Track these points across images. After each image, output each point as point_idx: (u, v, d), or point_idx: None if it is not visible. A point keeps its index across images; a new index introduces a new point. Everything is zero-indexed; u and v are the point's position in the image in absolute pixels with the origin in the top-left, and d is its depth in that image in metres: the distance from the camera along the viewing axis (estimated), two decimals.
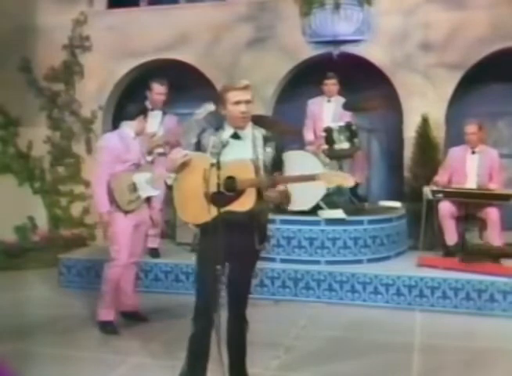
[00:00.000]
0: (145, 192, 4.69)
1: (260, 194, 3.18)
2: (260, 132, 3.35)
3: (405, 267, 5.56)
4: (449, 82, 6.85)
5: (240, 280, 3.29)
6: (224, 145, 3.19)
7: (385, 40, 6.96)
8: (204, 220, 3.19)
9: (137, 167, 4.71)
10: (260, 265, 3.24)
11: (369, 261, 5.67)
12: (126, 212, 4.61)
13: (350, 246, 5.61)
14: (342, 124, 5.86)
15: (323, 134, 5.91)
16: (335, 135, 5.77)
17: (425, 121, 6.78)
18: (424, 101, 6.85)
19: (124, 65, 7.64)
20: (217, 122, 3.44)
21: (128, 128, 4.75)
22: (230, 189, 3.15)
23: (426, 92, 6.87)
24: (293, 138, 6.52)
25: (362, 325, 4.90)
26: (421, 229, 5.82)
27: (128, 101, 6.91)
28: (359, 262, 5.62)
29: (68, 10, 7.70)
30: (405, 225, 6.23)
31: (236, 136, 3.29)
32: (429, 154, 6.72)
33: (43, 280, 6.25)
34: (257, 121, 6.23)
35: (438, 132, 6.83)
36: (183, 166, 3.25)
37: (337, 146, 5.73)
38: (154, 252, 6.05)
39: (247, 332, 3.39)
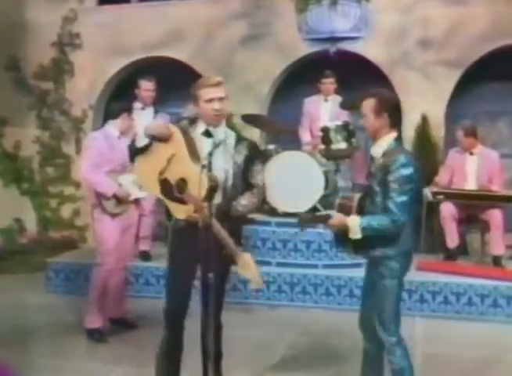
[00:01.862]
0: (132, 194, 4.51)
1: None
2: (232, 133, 3.22)
3: None
4: (449, 80, 6.72)
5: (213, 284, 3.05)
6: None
7: (383, 37, 6.83)
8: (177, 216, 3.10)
9: (123, 167, 4.50)
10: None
11: None
12: (112, 215, 4.43)
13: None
14: (339, 123, 5.70)
15: (320, 134, 5.75)
16: (332, 135, 5.61)
17: (424, 121, 6.66)
18: (423, 100, 6.71)
19: (115, 63, 7.51)
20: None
21: (113, 127, 4.58)
22: (179, 191, 3.04)
23: (425, 91, 6.74)
24: (289, 138, 6.39)
25: (359, 331, 4.71)
26: (421, 232, 5.69)
27: (120, 100, 6.63)
28: (358, 265, 5.36)
29: (57, 7, 7.54)
30: None
31: (207, 134, 3.14)
32: (428, 154, 6.58)
33: (29, 284, 6.04)
34: (252, 120, 6.28)
35: (438, 132, 6.70)
36: (159, 138, 3.08)
37: (333, 146, 5.57)
38: (145, 255, 5.88)
39: (221, 337, 3.25)
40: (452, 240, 5.61)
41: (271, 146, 6.01)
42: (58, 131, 7.67)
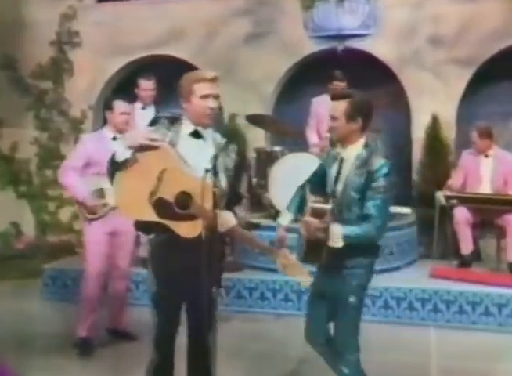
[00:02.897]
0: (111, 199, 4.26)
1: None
2: (218, 135, 2.95)
3: (418, 279, 5.20)
4: (460, 79, 6.56)
5: (200, 302, 2.76)
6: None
7: (392, 34, 6.67)
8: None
9: None
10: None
11: (378, 272, 5.21)
12: (89, 220, 4.26)
13: None
14: None
15: (328, 135, 5.52)
16: None
17: (435, 121, 6.50)
18: (434, 99, 6.56)
19: (116, 62, 7.36)
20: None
21: (107, 127, 4.39)
22: (182, 207, 2.71)
23: (435, 90, 6.59)
24: (296, 139, 6.19)
25: (370, 343, 4.38)
26: (434, 237, 5.53)
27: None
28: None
29: (56, 4, 7.37)
30: (415, 233, 5.87)
31: (196, 135, 2.87)
32: (439, 156, 6.44)
33: (24, 291, 5.80)
34: (256, 120, 6.07)
35: (449, 133, 6.53)
36: (145, 149, 2.72)
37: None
38: (146, 261, 5.63)
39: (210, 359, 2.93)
40: (466, 247, 5.40)
41: (276, 148, 5.81)
42: (57, 132, 7.49)
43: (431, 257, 5.67)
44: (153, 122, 2.96)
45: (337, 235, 2.76)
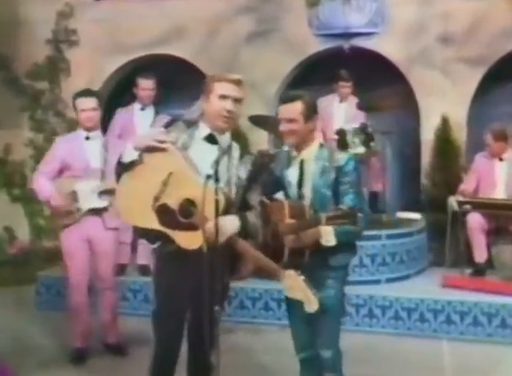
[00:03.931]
0: (88, 203, 4.05)
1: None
2: (237, 145, 2.78)
3: (429, 288, 5.01)
4: (471, 79, 6.37)
5: (201, 318, 2.52)
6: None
7: (400, 32, 6.50)
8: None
9: (85, 173, 4.07)
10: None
11: (388, 281, 5.13)
12: (63, 226, 4.07)
13: (367, 264, 5.05)
14: (356, 125, 5.34)
15: (335, 137, 5.37)
16: (349, 138, 5.28)
17: (445, 122, 6.31)
18: (443, 100, 6.38)
19: (114, 61, 7.21)
20: None
21: (80, 128, 4.25)
22: (185, 215, 2.52)
23: (445, 90, 6.41)
24: None
25: (380, 357, 4.32)
26: (446, 245, 5.34)
27: (119, 100, 6.55)
28: (377, 282, 5.07)
29: (52, 1, 7.19)
30: (425, 240, 5.69)
31: (210, 140, 2.69)
32: (449, 159, 6.26)
33: (17, 300, 5.60)
34: (259, 121, 5.87)
35: (460, 134, 6.35)
36: (152, 150, 2.57)
37: (351, 151, 5.15)
38: (144, 269, 5.43)
39: None
40: (480, 254, 5.22)
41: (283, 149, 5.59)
42: (52, 133, 7.26)
43: (442, 265, 5.47)
44: (169, 124, 2.78)
45: (329, 233, 2.72)
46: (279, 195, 3.00)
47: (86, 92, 4.25)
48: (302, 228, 2.70)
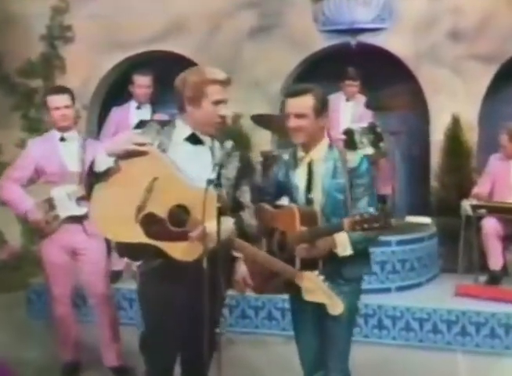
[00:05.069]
0: (66, 210, 3.77)
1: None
2: (226, 140, 2.55)
3: (442, 297, 4.80)
4: (483, 77, 6.27)
5: (199, 348, 2.32)
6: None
7: (409, 28, 6.40)
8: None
9: (60, 177, 3.78)
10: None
11: (399, 289, 4.91)
12: (41, 236, 3.81)
13: (376, 272, 4.82)
14: (365, 125, 5.18)
15: (342, 137, 5.16)
16: (357, 138, 5.11)
17: (456, 122, 6.19)
18: (454, 99, 6.28)
19: (111, 58, 7.13)
20: None
21: (53, 128, 4.00)
22: (177, 223, 2.29)
23: (456, 89, 6.30)
24: None
25: (390, 370, 4.12)
26: (459, 251, 5.16)
27: (116, 99, 6.45)
28: (387, 290, 4.85)
29: None
30: (436, 245, 5.49)
31: (193, 140, 2.46)
32: (460, 160, 6.13)
33: (6, 308, 5.39)
34: (262, 120, 5.67)
35: (471, 135, 6.22)
36: (130, 155, 2.32)
37: (359, 152, 4.93)
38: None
39: None
40: (496, 261, 5.00)
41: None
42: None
43: (451, 271, 5.29)
44: (140, 125, 2.52)
45: (345, 242, 2.56)
46: (284, 200, 2.78)
47: (58, 89, 4.05)
48: (319, 235, 2.50)
